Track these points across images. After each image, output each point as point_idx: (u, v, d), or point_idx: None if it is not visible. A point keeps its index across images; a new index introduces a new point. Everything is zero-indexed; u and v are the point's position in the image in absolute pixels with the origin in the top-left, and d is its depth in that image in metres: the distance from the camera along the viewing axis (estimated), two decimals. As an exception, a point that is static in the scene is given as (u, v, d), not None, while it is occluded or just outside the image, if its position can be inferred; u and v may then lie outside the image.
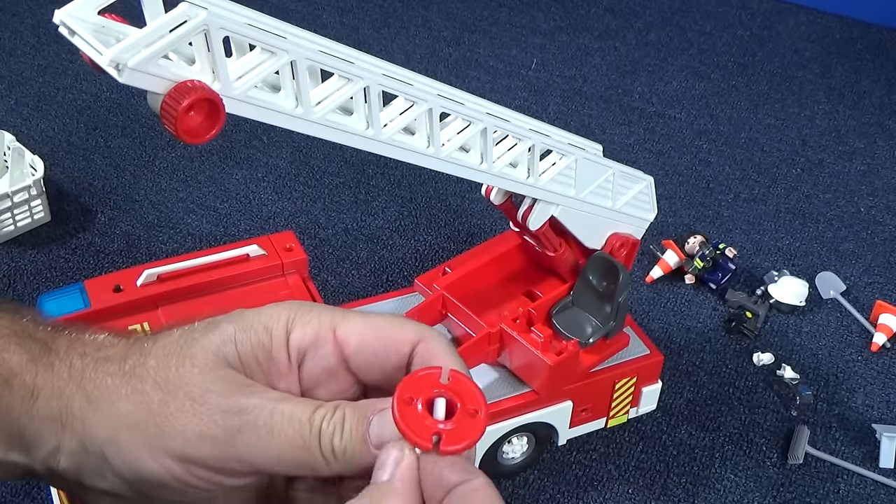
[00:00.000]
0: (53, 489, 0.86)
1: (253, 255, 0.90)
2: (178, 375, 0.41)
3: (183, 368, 0.41)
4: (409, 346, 0.43)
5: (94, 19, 0.56)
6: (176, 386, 0.41)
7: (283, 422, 0.40)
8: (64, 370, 0.42)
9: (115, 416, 0.41)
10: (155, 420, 0.41)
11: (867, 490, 0.99)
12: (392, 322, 0.44)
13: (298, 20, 0.74)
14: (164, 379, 0.41)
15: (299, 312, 0.43)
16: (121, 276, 0.87)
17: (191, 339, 0.42)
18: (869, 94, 1.63)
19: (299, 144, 1.37)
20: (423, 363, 0.42)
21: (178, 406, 0.41)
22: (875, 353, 1.15)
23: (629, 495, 0.96)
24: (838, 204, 1.39)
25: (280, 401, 0.41)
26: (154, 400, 0.41)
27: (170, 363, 0.42)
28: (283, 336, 0.42)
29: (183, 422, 0.41)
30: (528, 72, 1.60)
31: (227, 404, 0.41)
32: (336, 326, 0.43)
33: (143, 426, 0.41)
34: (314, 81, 0.65)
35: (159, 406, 0.41)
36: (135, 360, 0.42)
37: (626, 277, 0.90)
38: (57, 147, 1.33)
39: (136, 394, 0.41)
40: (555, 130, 0.82)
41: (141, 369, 0.42)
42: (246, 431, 0.40)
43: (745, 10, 1.84)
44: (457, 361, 0.42)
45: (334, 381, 0.44)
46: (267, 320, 0.42)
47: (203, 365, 0.41)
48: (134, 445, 0.41)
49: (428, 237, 1.25)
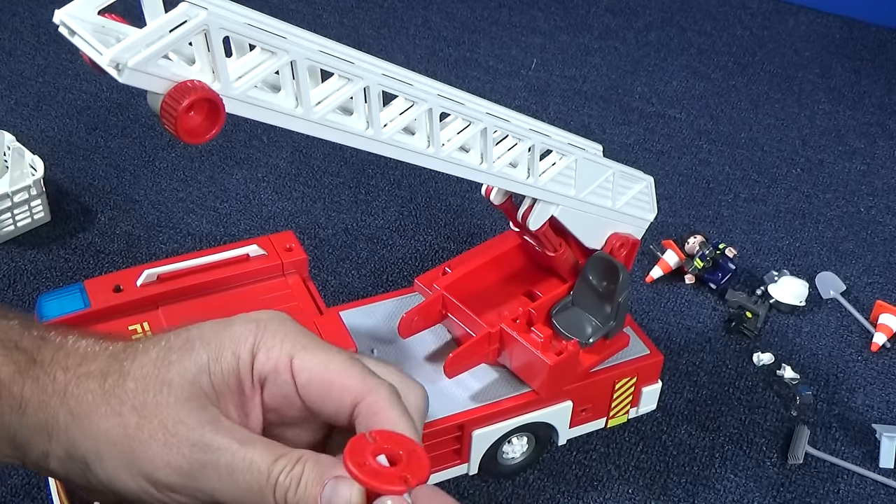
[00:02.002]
0: (53, 489, 0.86)
1: (253, 255, 0.90)
2: (154, 401, 0.44)
3: (160, 395, 0.45)
4: (350, 399, 0.46)
5: (94, 19, 0.57)
6: (152, 412, 0.44)
7: (243, 466, 0.43)
8: (48, 383, 0.45)
9: (96, 432, 0.44)
10: (130, 443, 0.44)
11: (867, 490, 0.99)
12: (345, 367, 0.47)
13: (298, 20, 0.74)
14: (141, 403, 0.44)
15: (265, 336, 0.47)
16: (121, 276, 0.87)
17: (168, 362, 0.46)
18: (869, 94, 1.63)
19: (299, 144, 1.37)
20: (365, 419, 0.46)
21: (151, 433, 0.44)
22: (875, 353, 1.15)
23: (629, 495, 0.96)
24: (838, 204, 1.39)
25: (244, 443, 0.44)
26: (131, 423, 0.44)
27: (148, 387, 0.45)
28: (249, 362, 0.46)
29: (154, 449, 0.44)
30: (528, 72, 1.60)
31: (195, 438, 0.44)
32: (294, 356, 0.47)
33: (120, 446, 0.44)
34: (314, 81, 0.65)
35: (135, 430, 0.44)
36: (114, 379, 0.45)
37: (626, 277, 0.90)
38: (57, 147, 1.33)
39: (114, 415, 0.44)
40: (555, 130, 0.82)
41: (120, 390, 0.45)
42: (209, 468, 0.43)
43: (745, 10, 1.84)
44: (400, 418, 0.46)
45: (292, 407, 0.48)
46: (236, 345, 0.46)
47: (179, 394, 0.45)
48: (113, 461, 0.44)
49: (428, 237, 1.25)
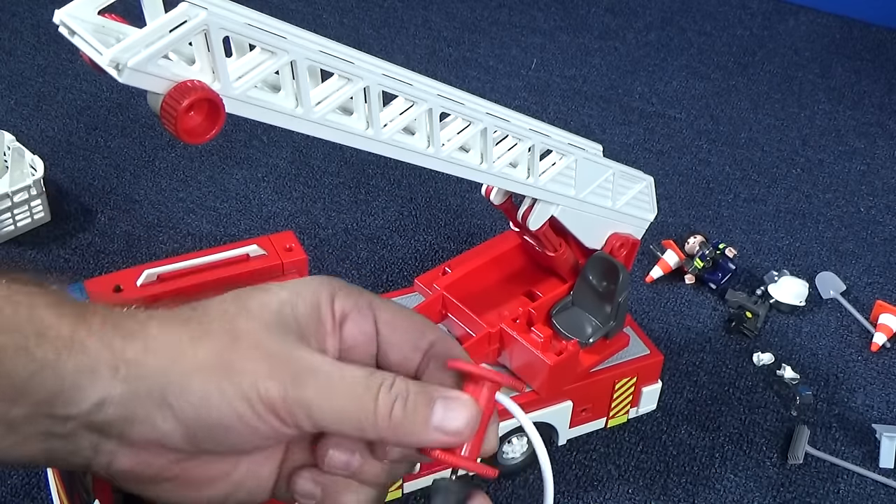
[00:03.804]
0: (53, 490, 0.86)
1: (253, 255, 0.90)
2: (245, 327, 0.43)
3: (248, 322, 0.43)
4: (429, 340, 0.47)
5: (93, 19, 0.56)
6: (244, 334, 0.43)
7: (340, 378, 0.43)
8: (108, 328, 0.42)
9: (181, 361, 0.42)
10: (224, 363, 0.42)
11: (867, 490, 0.99)
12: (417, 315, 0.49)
13: (298, 20, 0.74)
14: (230, 328, 0.43)
15: (340, 286, 0.47)
16: (121, 276, 0.87)
17: (247, 297, 0.45)
18: (869, 94, 1.63)
19: (299, 144, 1.37)
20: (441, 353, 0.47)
21: (246, 352, 0.42)
22: (875, 353, 1.15)
23: (629, 495, 0.96)
24: (838, 204, 1.39)
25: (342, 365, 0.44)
26: (224, 342, 0.42)
27: (233, 317, 0.43)
28: (329, 304, 0.46)
29: (253, 365, 0.42)
30: (528, 72, 1.60)
31: (293, 356, 0.43)
32: (372, 301, 0.47)
33: (212, 369, 0.42)
34: (314, 81, 0.65)
35: (229, 348, 0.42)
36: (191, 314, 0.44)
37: (627, 277, 0.90)
38: (57, 147, 1.33)
39: (203, 339, 0.42)
40: (555, 130, 0.82)
41: (204, 319, 0.43)
42: (310, 380, 0.42)
43: (745, 10, 1.84)
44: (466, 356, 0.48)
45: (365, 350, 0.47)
46: (314, 288, 0.46)
47: (267, 320, 0.44)
48: (204, 388, 0.41)
49: (428, 237, 1.25)
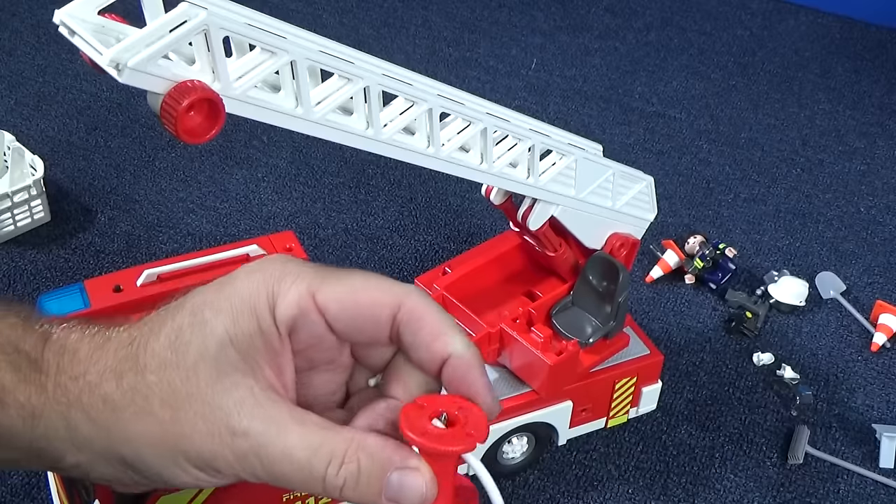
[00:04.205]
0: (53, 489, 0.86)
1: (253, 255, 0.90)
2: (185, 391, 0.41)
3: (188, 383, 0.41)
4: (388, 313, 0.43)
5: (94, 19, 0.56)
6: (184, 402, 0.41)
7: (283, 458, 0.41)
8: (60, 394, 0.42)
9: (129, 436, 0.42)
10: (171, 439, 0.41)
11: (867, 490, 0.99)
12: (370, 285, 0.44)
13: (298, 20, 0.74)
14: (169, 395, 0.41)
15: (276, 284, 0.43)
16: (121, 276, 0.86)
17: (184, 343, 0.42)
18: (869, 94, 1.63)
19: (299, 144, 1.37)
20: (410, 326, 0.43)
21: (191, 425, 0.41)
22: (875, 353, 1.15)
23: (629, 495, 0.96)
24: (838, 204, 1.39)
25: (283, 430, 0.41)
26: (166, 419, 0.41)
27: (171, 377, 0.42)
28: (269, 315, 0.42)
29: (199, 441, 0.41)
30: (528, 72, 1.60)
31: (234, 425, 0.41)
32: (315, 292, 0.43)
33: (160, 445, 0.41)
34: (314, 81, 0.65)
35: (173, 425, 0.41)
36: (132, 377, 0.42)
37: (627, 277, 0.90)
38: (57, 147, 1.33)
39: (145, 414, 0.41)
40: (555, 130, 0.82)
41: (142, 386, 0.42)
42: (251, 456, 0.41)
43: (745, 10, 1.84)
44: (440, 316, 0.43)
45: (323, 347, 0.44)
46: (249, 303, 0.42)
47: (206, 376, 0.41)
48: (157, 459, 0.42)
49: (428, 237, 1.25)
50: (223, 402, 0.41)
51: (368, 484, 0.41)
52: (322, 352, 0.45)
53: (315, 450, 0.41)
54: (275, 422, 0.41)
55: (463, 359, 0.44)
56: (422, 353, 0.44)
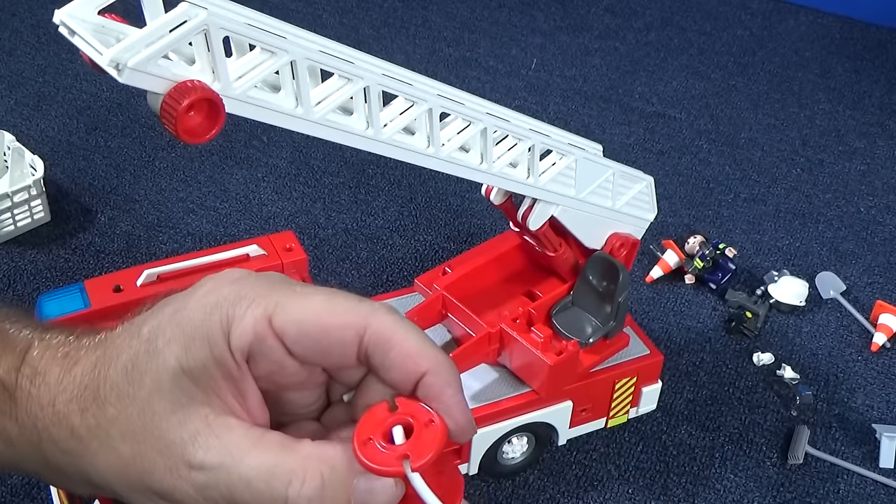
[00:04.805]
0: (53, 489, 0.86)
1: (253, 255, 0.90)
2: (141, 424, 0.41)
3: (143, 416, 0.41)
4: (353, 334, 0.42)
5: (94, 19, 0.56)
6: (141, 437, 0.41)
7: (244, 482, 0.40)
8: (30, 426, 0.43)
9: (96, 468, 0.42)
10: (133, 473, 0.41)
11: (867, 490, 0.99)
12: (332, 305, 0.42)
13: (298, 20, 0.74)
14: (127, 430, 0.41)
15: (231, 308, 0.41)
16: (121, 276, 0.87)
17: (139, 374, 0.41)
18: (869, 94, 1.63)
19: (299, 144, 1.37)
20: (379, 347, 0.42)
21: (151, 460, 0.41)
22: (875, 353, 1.15)
23: (629, 495, 0.96)
24: (838, 204, 1.39)
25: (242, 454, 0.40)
26: (126, 455, 0.41)
27: (129, 411, 0.41)
28: (224, 342, 0.41)
29: (159, 476, 0.41)
30: (528, 72, 1.60)
31: (190, 458, 0.40)
32: (272, 316, 0.41)
33: (125, 477, 0.42)
34: (314, 81, 0.65)
35: (133, 460, 0.41)
36: (93, 411, 0.42)
37: (627, 277, 0.90)
38: (57, 147, 1.33)
39: (108, 450, 0.42)
40: (555, 130, 0.82)
41: (103, 420, 0.42)
42: (211, 489, 0.40)
43: (745, 10, 1.84)
44: (411, 333, 0.42)
45: (287, 371, 0.43)
46: (203, 331, 0.41)
47: (161, 409, 0.41)
48: (125, 488, 0.42)
49: (428, 237, 1.25)
50: (178, 436, 0.41)
51: (336, 495, 0.40)
52: (286, 377, 0.43)
53: (273, 473, 0.40)
54: (230, 450, 0.40)
55: (438, 378, 0.42)
56: (394, 374, 0.42)
